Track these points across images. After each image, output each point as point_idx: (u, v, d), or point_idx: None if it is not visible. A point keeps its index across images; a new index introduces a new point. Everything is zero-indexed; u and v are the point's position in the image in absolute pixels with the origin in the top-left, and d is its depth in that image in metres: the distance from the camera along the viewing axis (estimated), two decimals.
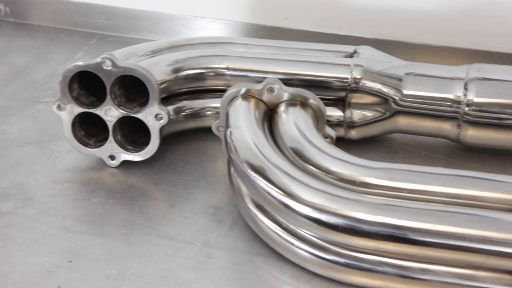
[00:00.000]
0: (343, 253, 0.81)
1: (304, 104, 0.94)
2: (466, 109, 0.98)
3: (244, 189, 0.89)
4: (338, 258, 0.81)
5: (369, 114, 1.02)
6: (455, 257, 0.76)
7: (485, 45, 1.21)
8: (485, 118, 0.98)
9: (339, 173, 0.84)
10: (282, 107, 0.94)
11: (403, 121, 1.02)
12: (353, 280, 0.82)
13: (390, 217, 0.76)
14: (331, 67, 1.03)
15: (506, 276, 0.77)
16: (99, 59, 0.96)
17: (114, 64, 0.95)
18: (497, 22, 1.21)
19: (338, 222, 0.78)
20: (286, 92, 0.94)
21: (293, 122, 0.91)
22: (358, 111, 1.02)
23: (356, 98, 1.02)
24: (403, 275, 0.79)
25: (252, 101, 0.94)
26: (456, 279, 0.78)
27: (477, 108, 0.98)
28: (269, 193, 0.82)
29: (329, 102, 1.03)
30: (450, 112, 0.99)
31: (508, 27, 1.20)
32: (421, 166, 0.85)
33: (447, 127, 1.01)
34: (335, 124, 1.04)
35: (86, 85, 1.00)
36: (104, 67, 0.96)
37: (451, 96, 0.99)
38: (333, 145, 0.91)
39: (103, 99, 0.98)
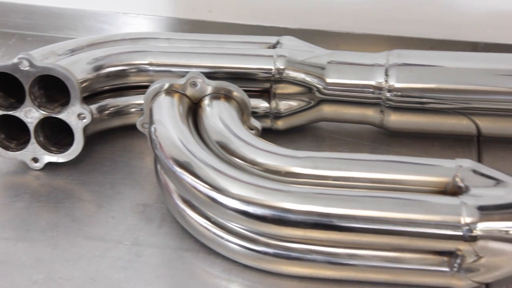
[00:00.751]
0: (272, 244, 0.81)
1: (228, 97, 0.94)
2: (388, 94, 1.00)
3: (171, 186, 0.88)
4: (267, 249, 0.81)
5: (294, 104, 1.03)
6: (380, 241, 0.78)
7: (406, 31, 1.24)
8: (407, 103, 1.00)
9: (264, 164, 0.85)
10: (206, 101, 0.93)
11: (328, 110, 1.03)
12: (284, 270, 0.82)
13: (316, 205, 0.77)
14: (254, 58, 1.03)
15: (430, 256, 0.79)
16: (15, 60, 0.93)
17: (31, 64, 0.93)
18: (416, 8, 1.23)
19: (265, 213, 0.78)
20: (210, 86, 0.93)
21: (218, 116, 0.91)
22: (284, 102, 1.03)
23: (281, 89, 1.02)
24: (331, 261, 0.80)
25: (176, 96, 0.93)
26: (383, 262, 0.80)
27: (398, 93, 1.00)
28: (196, 188, 0.81)
29: (254, 94, 1.03)
30: (373, 98, 1.01)
31: (427, 13, 1.23)
32: (345, 153, 0.87)
33: (370, 113, 1.02)
34: (261, 116, 1.04)
35: (4, 87, 0.97)
36: (22, 68, 0.93)
37: (372, 83, 1.00)
38: (258, 137, 0.91)
39: (22, 101, 0.95)
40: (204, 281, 0.83)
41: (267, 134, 1.03)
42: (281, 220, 0.78)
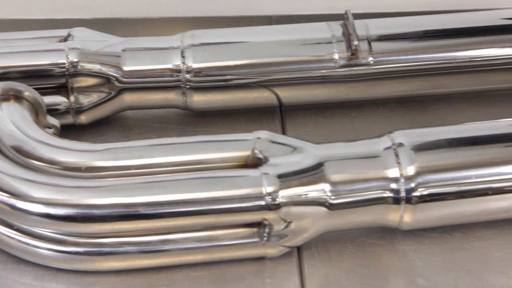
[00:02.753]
0: (81, 242, 0.79)
1: (18, 97, 0.89)
2: (187, 76, 1.00)
3: None
4: (78, 249, 0.79)
5: (94, 96, 1.00)
6: (189, 222, 0.78)
7: (201, 11, 1.24)
8: (208, 82, 1.01)
9: (63, 162, 0.82)
10: None
11: (130, 98, 1.02)
12: (98, 267, 0.80)
13: (119, 197, 0.76)
14: (45, 54, 0.98)
15: (240, 230, 0.81)
16: None
17: None
18: None
19: (68, 212, 0.75)
20: None
21: (9, 119, 0.86)
22: (83, 95, 1.00)
23: (78, 82, 0.99)
24: (145, 250, 0.80)
25: None
26: (196, 243, 0.81)
27: (197, 74, 1.00)
28: None
29: (51, 91, 0.99)
30: (173, 81, 1.00)
31: None
32: (145, 140, 0.86)
33: (173, 96, 1.02)
34: (63, 112, 1.00)
35: None
36: None
37: (170, 66, 1.00)
38: (54, 135, 0.88)
39: None
40: None
41: (71, 130, 1.01)
42: (86, 217, 0.75)
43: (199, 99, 1.03)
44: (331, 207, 0.80)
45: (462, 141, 0.84)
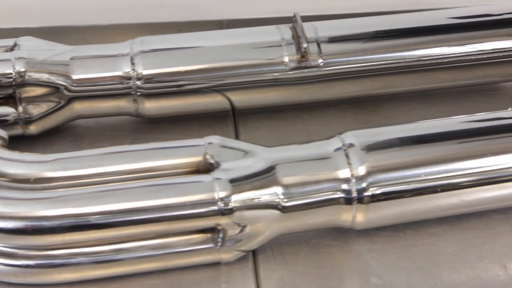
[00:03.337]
0: (32, 255, 0.78)
1: None
2: (138, 83, 0.99)
3: None
4: (28, 262, 0.78)
5: (43, 106, 0.99)
6: (142, 231, 0.77)
7: (150, 17, 1.24)
8: (159, 88, 1.01)
9: (11, 174, 0.81)
10: None
11: (80, 107, 1.01)
12: (50, 279, 0.79)
13: (69, 207, 0.75)
14: None
15: (194, 236, 0.81)
16: None
17: None
18: None
19: (17, 225, 0.74)
20: None
21: None
22: (32, 105, 0.98)
23: (26, 92, 0.97)
24: (97, 261, 0.79)
25: None
26: (150, 251, 0.80)
27: (148, 80, 0.99)
28: None
29: None
30: (123, 89, 1.00)
31: None
32: (96, 149, 0.85)
33: (124, 104, 1.01)
34: (12, 123, 0.98)
35: None
36: None
37: (120, 73, 0.99)
38: (2, 147, 0.86)
39: None
40: None
41: (21, 141, 0.99)
42: (36, 229, 0.74)
43: (151, 106, 1.02)
44: (284, 210, 0.80)
45: (411, 139, 0.85)
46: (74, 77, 0.98)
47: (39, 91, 0.97)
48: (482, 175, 0.84)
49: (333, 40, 1.04)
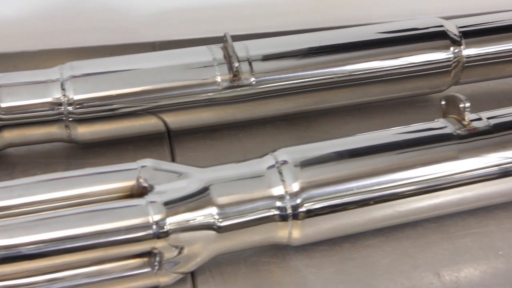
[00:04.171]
0: None
1: None
2: (69, 108, 0.98)
3: None
4: None
5: None
6: (76, 259, 0.76)
7: (81, 41, 1.23)
8: (91, 113, 1.00)
9: None
10: None
11: (10, 135, 0.99)
12: None
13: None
14: None
15: (130, 261, 0.80)
16: None
17: None
18: (87, 17, 1.23)
19: None
20: None
21: None
22: None
23: None
24: None
25: None
26: (86, 279, 0.78)
27: (79, 106, 0.98)
28: None
29: None
30: (54, 115, 0.98)
31: (97, 21, 1.23)
32: (27, 178, 0.83)
33: (56, 130, 1.00)
34: None
35: None
36: None
37: (50, 99, 0.97)
38: None
39: None
40: None
41: None
42: None
43: (84, 131, 1.01)
44: (219, 230, 0.80)
45: (344, 153, 0.87)
46: (3, 105, 0.96)
47: None
48: (414, 185, 0.86)
49: (264, 58, 1.05)
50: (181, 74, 1.03)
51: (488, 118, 0.92)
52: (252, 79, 1.04)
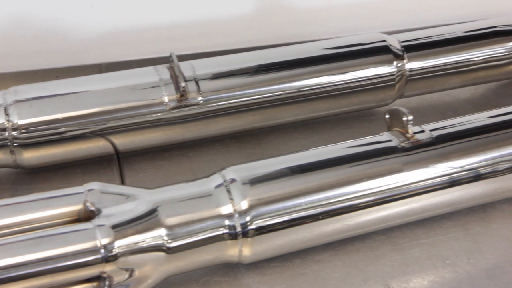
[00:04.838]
0: None
1: None
2: (14, 133, 0.97)
3: None
4: None
5: None
6: (23, 287, 0.74)
7: (26, 65, 1.21)
8: (37, 137, 0.98)
9: None
10: None
11: None
12: None
13: None
14: None
15: (80, 286, 0.78)
16: None
17: None
18: (32, 40, 1.21)
19: None
20: None
21: None
22: None
23: None
24: None
25: None
26: None
27: (24, 131, 0.97)
28: None
29: None
30: None
31: (42, 44, 1.22)
32: None
33: (0, 156, 0.98)
34: None
35: None
36: None
37: None
38: None
39: None
40: None
41: None
42: None
43: (30, 156, 0.99)
44: (169, 251, 0.80)
45: (291, 170, 0.87)
46: None
47: None
48: (361, 198, 0.87)
49: (211, 77, 1.06)
50: (128, 95, 1.03)
51: (431, 130, 0.94)
52: (200, 98, 1.04)
